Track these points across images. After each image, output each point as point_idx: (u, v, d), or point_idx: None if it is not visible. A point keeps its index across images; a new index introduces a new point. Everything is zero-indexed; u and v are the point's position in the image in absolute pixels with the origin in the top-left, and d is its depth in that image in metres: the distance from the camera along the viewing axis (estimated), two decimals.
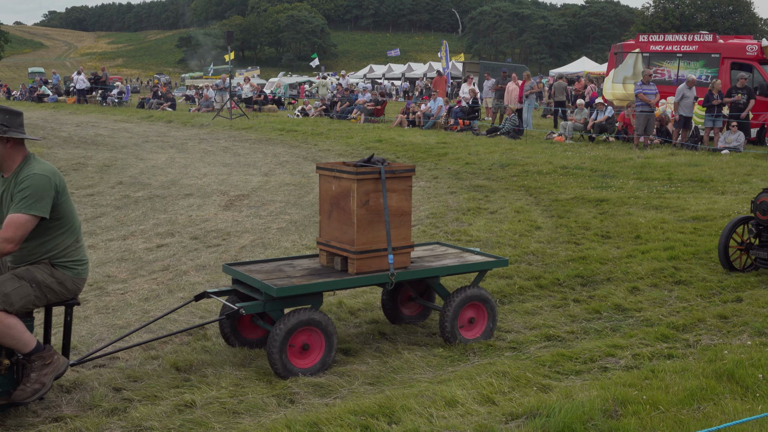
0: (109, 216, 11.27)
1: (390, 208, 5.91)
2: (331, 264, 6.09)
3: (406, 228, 6.04)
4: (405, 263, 6.06)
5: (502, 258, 6.53)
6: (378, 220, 5.86)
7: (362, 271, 5.84)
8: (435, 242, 7.17)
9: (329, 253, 6.09)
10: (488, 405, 4.81)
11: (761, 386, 4.96)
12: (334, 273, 5.94)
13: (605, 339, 6.20)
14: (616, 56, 25.10)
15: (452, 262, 6.33)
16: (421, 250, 6.75)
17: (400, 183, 5.98)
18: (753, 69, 21.46)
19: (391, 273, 5.82)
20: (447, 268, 6.22)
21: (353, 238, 5.78)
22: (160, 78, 72.29)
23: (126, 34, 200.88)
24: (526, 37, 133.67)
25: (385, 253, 5.89)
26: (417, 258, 6.41)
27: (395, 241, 5.95)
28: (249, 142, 21.70)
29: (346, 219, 5.86)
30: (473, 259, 6.45)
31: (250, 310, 5.56)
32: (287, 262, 6.30)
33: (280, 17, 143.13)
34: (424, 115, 25.62)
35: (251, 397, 5.03)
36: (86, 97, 38.19)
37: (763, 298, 7.32)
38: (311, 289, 5.60)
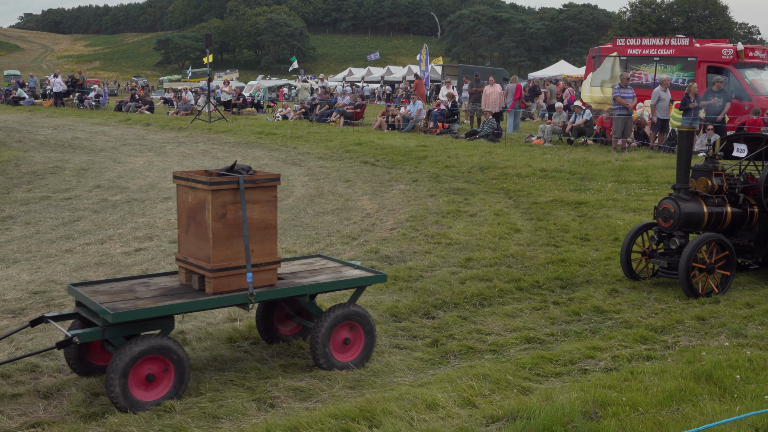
0: (86, 220, 11.18)
1: (252, 221, 5.37)
2: (189, 282, 5.55)
3: (271, 242, 5.49)
4: (271, 281, 5.53)
5: (381, 273, 6.02)
6: (238, 235, 5.32)
7: (220, 290, 5.30)
8: (317, 255, 6.71)
9: (187, 270, 5.54)
10: (469, 408, 4.81)
11: (739, 387, 5.01)
12: (190, 293, 5.37)
13: (585, 341, 6.24)
14: (594, 60, 25.28)
15: (326, 278, 5.83)
16: (299, 264, 6.30)
17: (264, 193, 5.42)
18: (729, 72, 21.68)
19: (250, 293, 5.29)
20: (318, 285, 5.68)
21: (209, 255, 5.24)
22: (137, 81, 71.91)
23: (103, 36, 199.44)
24: (504, 41, 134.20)
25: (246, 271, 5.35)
26: (289, 274, 5.92)
27: (259, 257, 5.42)
28: (228, 146, 21.62)
29: (202, 234, 5.31)
30: (350, 275, 5.96)
31: (86, 338, 4.96)
32: (143, 281, 5.72)
33: (259, 20, 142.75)
34: (403, 119, 25.65)
35: (231, 402, 5.01)
36: (63, 100, 37.86)
37: (740, 299, 7.40)
38: (155, 313, 5.01)
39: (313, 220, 11.41)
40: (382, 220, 11.45)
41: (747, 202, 8.35)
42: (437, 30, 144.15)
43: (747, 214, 8.33)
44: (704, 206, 8.03)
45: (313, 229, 10.78)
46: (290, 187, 14.34)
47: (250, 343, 6.17)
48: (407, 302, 7.28)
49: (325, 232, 10.53)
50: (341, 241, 10.03)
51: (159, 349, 4.96)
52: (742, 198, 8.32)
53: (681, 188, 8.05)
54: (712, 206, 8.08)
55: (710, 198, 8.14)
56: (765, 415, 4.41)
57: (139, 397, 4.91)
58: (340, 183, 14.87)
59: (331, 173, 16.16)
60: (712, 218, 8.06)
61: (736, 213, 8.26)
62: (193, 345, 6.12)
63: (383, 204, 12.67)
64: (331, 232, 10.59)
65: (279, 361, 5.78)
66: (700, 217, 7.98)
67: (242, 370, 5.61)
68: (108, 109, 37.60)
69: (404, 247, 9.58)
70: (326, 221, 11.32)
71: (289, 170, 16.67)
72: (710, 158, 8.33)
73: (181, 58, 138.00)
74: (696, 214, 7.95)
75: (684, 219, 7.85)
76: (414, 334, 6.55)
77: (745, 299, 7.38)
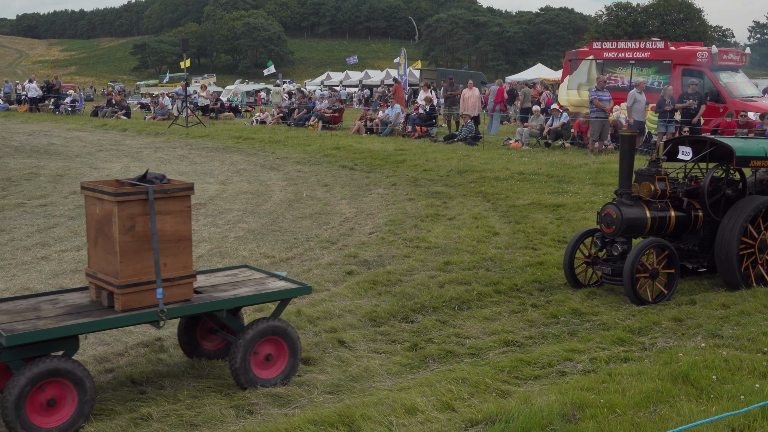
0: (62, 226, 11.08)
1: (164, 234, 5.09)
2: (99, 299, 5.23)
3: (185, 255, 5.22)
4: (186, 295, 5.23)
5: (305, 285, 5.76)
6: (148, 248, 5.03)
7: (130, 307, 5.00)
8: (243, 266, 6.42)
9: (97, 286, 5.23)
10: (448, 412, 4.81)
11: (715, 388, 5.05)
12: (98, 310, 5.07)
13: (563, 343, 6.26)
14: (571, 63, 25.43)
15: (247, 291, 5.55)
16: (222, 276, 6.01)
17: (176, 204, 5.17)
18: (703, 75, 21.89)
19: (161, 309, 5.00)
20: (236, 299, 5.41)
21: (117, 270, 4.95)
22: (114, 86, 71.44)
23: (79, 41, 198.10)
24: (482, 44, 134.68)
25: None
26: (210, 287, 5.64)
27: (172, 271, 5.13)
28: (206, 150, 21.52)
29: (110, 247, 5.02)
30: (273, 287, 5.68)
31: None
32: (52, 298, 5.39)
33: (236, 24, 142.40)
34: (381, 122, 25.66)
35: (209, 409, 4.98)
36: (38, 105, 37.52)
37: (716, 300, 7.46)
38: (55, 334, 4.70)
39: (292, 224, 11.38)
40: (361, 224, 11.45)
41: (691, 206, 8.23)
42: (415, 34, 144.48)
43: (692, 219, 8.21)
44: (647, 211, 7.91)
45: (291, 233, 10.75)
46: (268, 192, 14.29)
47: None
48: (386, 306, 7.28)
49: (303, 237, 10.51)
50: (320, 245, 10.01)
51: (56, 372, 4.68)
52: (686, 202, 8.21)
53: (623, 193, 7.95)
54: (655, 211, 7.96)
55: (653, 203, 8.00)
56: (741, 415, 4.45)
57: (38, 423, 4.64)
58: (318, 187, 14.85)
59: (310, 178, 16.13)
60: (655, 223, 7.95)
61: (680, 217, 8.14)
62: (171, 352, 6.09)
63: (362, 208, 12.67)
64: (309, 236, 10.56)
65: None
66: (642, 222, 7.87)
67: (220, 376, 5.58)
68: (84, 114, 37.31)
69: (383, 251, 9.58)
70: (305, 226, 11.30)
71: (267, 175, 16.62)
72: (653, 162, 8.18)
73: (158, 63, 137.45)
74: (639, 219, 7.84)
75: (626, 224, 7.74)
76: (393, 338, 6.55)
77: (721, 300, 7.44)
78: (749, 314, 6.95)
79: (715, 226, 8.09)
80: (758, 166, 8.19)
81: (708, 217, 8.17)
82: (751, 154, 7.97)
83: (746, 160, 7.94)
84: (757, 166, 8.14)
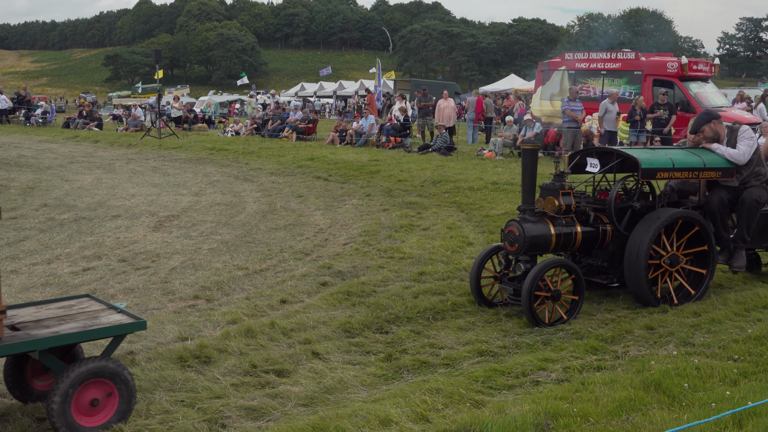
0: (32, 239, 10.96)
1: None
2: None
3: None
4: None
5: (140, 320, 5.11)
6: None
7: None
8: (84, 295, 5.77)
9: None
10: (422, 423, 4.81)
11: (687, 395, 5.09)
12: None
13: (537, 353, 6.28)
14: (543, 74, 25.61)
15: (72, 328, 4.91)
16: (55, 308, 5.37)
17: None
18: (674, 85, 22.15)
19: None
20: (54, 338, 4.74)
21: None
22: (86, 97, 70.83)
23: (50, 52, 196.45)
24: (455, 55, 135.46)
25: None
26: (32, 322, 5.02)
27: None
28: (179, 162, 21.40)
29: None
30: (105, 322, 5.06)
31: None
32: None
33: (210, 35, 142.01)
34: (356, 133, 25.69)
35: (181, 423, 4.93)
36: (8, 117, 37.15)
37: (687, 308, 7.52)
38: None
39: (266, 236, 11.34)
40: (335, 235, 11.43)
41: (600, 221, 7.87)
42: (389, 45, 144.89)
43: (600, 234, 7.84)
44: (552, 227, 7.51)
45: (265, 245, 10.71)
46: (242, 203, 14.23)
47: (200, 362, 6.09)
48: (360, 317, 7.26)
49: (277, 248, 10.47)
50: (294, 257, 9.98)
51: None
52: (594, 217, 7.85)
53: (526, 209, 7.58)
54: (560, 227, 7.56)
55: (558, 218, 7.59)
56: (712, 422, 4.48)
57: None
58: (292, 198, 14.82)
59: (284, 189, 16.09)
60: (560, 240, 7.55)
61: (587, 233, 7.75)
62: (143, 365, 6.02)
63: (336, 219, 12.65)
64: (283, 248, 10.53)
65: (230, 379, 5.71)
66: (546, 239, 7.47)
67: (193, 389, 5.53)
68: (55, 126, 36.98)
69: (357, 262, 9.56)
70: (279, 237, 11.26)
71: (241, 186, 16.56)
72: (558, 176, 7.78)
73: (131, 74, 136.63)
74: (542, 236, 7.45)
75: (529, 242, 7.36)
76: (367, 349, 6.53)
77: (693, 308, 7.50)
78: (720, 322, 7.02)
79: (625, 240, 7.76)
80: (666, 178, 7.99)
81: (617, 231, 7.85)
82: (657, 166, 7.69)
83: (653, 172, 7.67)
84: (665, 177, 7.92)
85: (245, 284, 8.64)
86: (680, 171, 7.83)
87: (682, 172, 7.85)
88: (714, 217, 8.28)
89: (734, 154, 8.16)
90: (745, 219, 8.30)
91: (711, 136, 8.35)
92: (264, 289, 8.43)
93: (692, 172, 7.92)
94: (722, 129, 8.35)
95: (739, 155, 8.16)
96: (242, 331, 6.77)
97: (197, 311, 7.58)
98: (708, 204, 8.35)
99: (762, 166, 8.36)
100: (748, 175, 8.28)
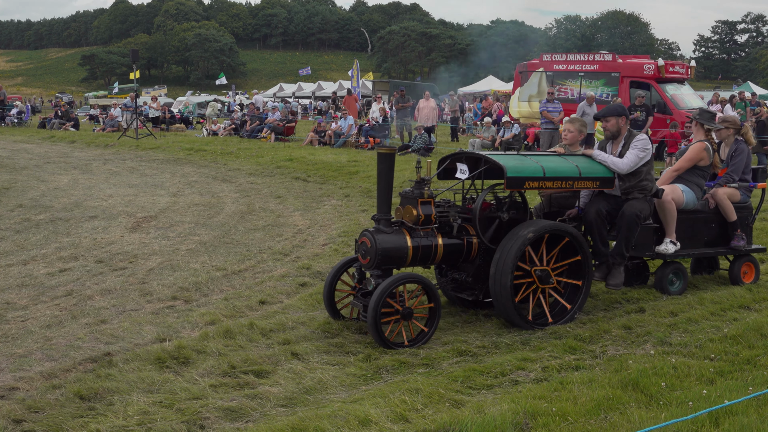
0: (8, 240, 10.84)
1: None
2: None
3: None
4: None
5: None
6: None
7: None
8: None
9: None
10: (402, 423, 4.81)
11: (664, 394, 5.13)
12: None
13: (516, 353, 6.31)
14: (521, 75, 25.77)
15: None
16: None
17: None
18: (650, 87, 22.34)
19: None
20: None
21: None
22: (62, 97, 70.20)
23: (25, 52, 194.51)
24: (434, 56, 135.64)
25: None
26: None
27: None
28: (156, 162, 21.28)
29: None
30: None
31: None
32: None
33: (188, 36, 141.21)
34: (334, 134, 25.67)
35: (160, 424, 4.90)
36: None
37: (665, 308, 7.59)
38: None
39: (244, 236, 11.30)
40: (314, 235, 11.41)
41: (465, 232, 7.22)
42: (368, 46, 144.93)
43: (465, 246, 7.18)
44: (408, 239, 6.87)
45: (244, 246, 10.67)
46: (220, 204, 14.17)
47: (179, 363, 6.06)
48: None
49: (256, 249, 10.44)
50: (273, 257, 9.95)
51: None
52: (457, 227, 7.15)
53: (381, 219, 6.91)
54: (418, 239, 6.90)
55: (416, 229, 6.93)
56: (689, 421, 4.53)
57: None
58: (271, 199, 14.77)
59: (262, 189, 16.04)
60: (418, 253, 6.89)
61: (450, 245, 7.09)
62: (120, 366, 5.97)
63: (315, 220, 12.63)
64: (262, 248, 10.50)
65: (209, 380, 5.69)
66: (402, 252, 6.81)
67: (171, 391, 5.49)
68: (31, 126, 36.65)
69: (336, 263, 9.53)
70: (257, 238, 11.22)
71: (219, 187, 16.49)
72: (418, 183, 7.11)
73: (108, 74, 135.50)
74: (397, 249, 6.78)
75: (382, 255, 6.71)
76: (347, 350, 6.53)
77: (669, 308, 7.57)
78: (696, 321, 7.09)
79: (492, 254, 7.11)
80: (536, 188, 7.26)
81: (483, 244, 7.18)
82: (526, 175, 7.00)
83: (520, 180, 6.98)
84: (534, 187, 7.20)
85: (224, 285, 8.60)
86: (552, 180, 7.15)
87: (554, 181, 7.18)
88: (591, 230, 7.75)
89: (618, 163, 7.63)
90: (624, 234, 7.74)
91: (612, 131, 7.90)
92: (243, 290, 8.40)
93: (566, 182, 7.27)
94: (625, 130, 7.92)
95: (622, 165, 7.64)
96: (221, 332, 6.74)
97: (175, 312, 7.54)
98: (585, 215, 7.82)
99: (650, 181, 7.81)
100: (631, 186, 7.76)
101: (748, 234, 8.90)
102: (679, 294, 8.20)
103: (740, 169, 8.92)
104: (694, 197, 8.48)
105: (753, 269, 8.85)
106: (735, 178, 8.88)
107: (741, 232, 8.74)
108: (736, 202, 8.74)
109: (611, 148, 8.01)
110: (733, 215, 8.65)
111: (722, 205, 8.63)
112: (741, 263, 8.76)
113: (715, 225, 8.75)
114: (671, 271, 8.30)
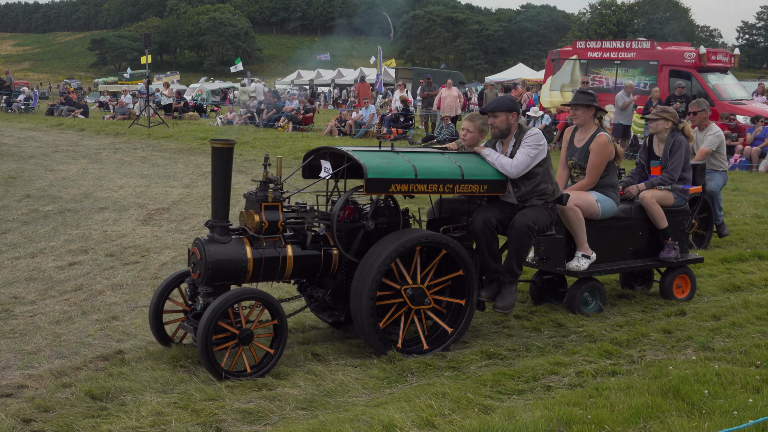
0: (15, 232, 10.95)
1: None
2: None
3: None
4: None
5: None
6: None
7: None
8: None
9: None
10: (428, 428, 4.80)
11: (707, 403, 5.08)
12: None
13: (548, 356, 6.27)
14: (554, 63, 25.63)
15: None
16: None
17: None
18: (691, 77, 22.15)
19: None
20: None
21: None
22: (71, 83, 70.80)
23: (33, 35, 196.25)
24: (460, 43, 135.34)
25: None
26: None
27: None
28: (169, 152, 21.39)
29: None
30: None
31: None
32: None
33: (201, 19, 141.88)
34: (355, 124, 25.67)
35: (174, 426, 4.92)
36: None
37: (707, 311, 7.51)
38: None
39: None
40: None
41: (324, 242, 6.48)
42: (390, 31, 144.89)
43: (322, 259, 6.41)
44: (249, 250, 6.11)
45: None
46: (236, 196, 14.19)
47: (193, 363, 6.08)
48: None
49: None
50: None
51: None
52: (314, 237, 6.41)
53: (216, 225, 6.14)
54: (261, 250, 6.14)
55: (260, 239, 6.19)
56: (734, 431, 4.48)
57: None
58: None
59: None
60: (260, 266, 6.13)
61: (303, 258, 6.32)
62: (133, 365, 6.01)
63: None
64: None
65: (226, 381, 5.70)
66: (240, 265, 6.04)
67: (186, 391, 5.51)
68: (39, 113, 36.97)
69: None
70: None
71: (234, 178, 16.46)
72: (264, 183, 6.42)
73: (118, 59, 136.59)
74: (232, 261, 6.01)
75: (214, 269, 5.94)
76: (369, 351, 6.52)
77: (712, 311, 7.49)
78: (741, 326, 7.02)
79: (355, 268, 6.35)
80: (405, 192, 6.34)
81: (344, 257, 6.40)
82: (392, 176, 6.15)
83: (383, 183, 6.12)
84: (402, 191, 6.28)
85: None
86: (426, 183, 6.29)
87: (429, 184, 6.31)
88: (478, 242, 6.84)
89: (506, 164, 6.71)
90: (515, 248, 6.80)
91: (501, 129, 6.93)
92: (260, 286, 8.41)
93: (444, 185, 6.40)
94: (515, 127, 6.94)
95: (510, 167, 6.71)
96: None
97: None
98: (471, 225, 6.83)
99: (549, 183, 6.90)
100: (528, 192, 6.84)
101: (683, 242, 8.21)
102: (598, 312, 7.56)
103: (680, 166, 8.37)
104: (612, 204, 7.66)
105: (689, 282, 8.16)
106: (674, 178, 8.33)
107: (673, 240, 8.03)
108: (667, 206, 8.10)
109: (501, 148, 7.07)
110: (664, 222, 7.93)
111: (650, 210, 7.94)
112: (674, 276, 8.08)
113: (643, 233, 8.02)
114: (586, 289, 7.56)
